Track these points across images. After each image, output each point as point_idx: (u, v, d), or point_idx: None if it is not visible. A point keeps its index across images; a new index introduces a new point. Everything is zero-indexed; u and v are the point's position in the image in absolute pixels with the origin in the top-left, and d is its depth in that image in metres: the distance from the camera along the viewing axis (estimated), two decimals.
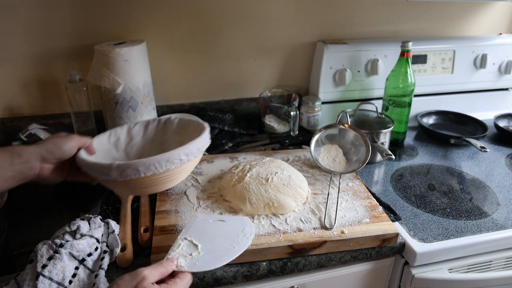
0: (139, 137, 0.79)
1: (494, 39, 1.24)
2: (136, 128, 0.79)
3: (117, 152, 0.77)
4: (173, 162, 0.62)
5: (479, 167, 0.99)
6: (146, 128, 0.80)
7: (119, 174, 0.59)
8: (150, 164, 0.60)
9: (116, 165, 0.59)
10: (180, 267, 0.55)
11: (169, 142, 0.79)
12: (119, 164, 0.59)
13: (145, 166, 0.60)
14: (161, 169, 0.62)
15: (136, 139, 0.79)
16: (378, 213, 0.75)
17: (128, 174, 0.60)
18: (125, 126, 0.78)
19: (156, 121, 0.80)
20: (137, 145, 0.79)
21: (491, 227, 0.76)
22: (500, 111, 1.26)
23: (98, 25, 1.00)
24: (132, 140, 0.79)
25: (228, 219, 0.70)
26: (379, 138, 0.95)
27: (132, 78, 0.93)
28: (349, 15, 1.16)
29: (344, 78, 1.11)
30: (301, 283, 0.71)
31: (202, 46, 1.09)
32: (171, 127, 0.80)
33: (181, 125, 0.79)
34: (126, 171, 0.59)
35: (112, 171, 0.59)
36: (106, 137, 0.76)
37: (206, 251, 0.59)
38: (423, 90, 1.22)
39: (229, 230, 0.65)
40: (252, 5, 1.08)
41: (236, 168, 0.80)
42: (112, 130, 0.77)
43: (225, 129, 1.09)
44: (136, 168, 0.60)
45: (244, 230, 0.65)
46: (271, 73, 1.19)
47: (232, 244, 0.61)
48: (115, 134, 0.77)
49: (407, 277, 0.74)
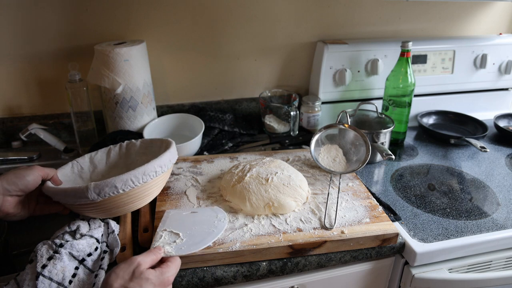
0: (102, 164, 0.80)
1: (494, 39, 1.24)
2: (98, 156, 0.80)
3: (83, 182, 0.77)
4: (149, 174, 0.64)
5: (479, 167, 0.99)
6: (108, 154, 0.81)
7: (97, 194, 0.60)
8: (128, 179, 0.61)
9: (93, 185, 0.60)
10: (168, 252, 0.58)
11: (134, 164, 0.80)
12: (96, 184, 0.60)
13: (123, 182, 0.61)
14: (139, 182, 0.63)
15: (100, 167, 0.80)
16: (378, 213, 0.75)
17: (106, 192, 0.60)
18: (87, 156, 0.79)
19: (118, 146, 0.82)
20: (102, 172, 0.80)
21: (491, 227, 0.76)
22: (500, 111, 1.26)
23: (98, 25, 1.00)
24: (96, 168, 0.80)
25: (199, 210, 0.72)
26: (379, 138, 0.95)
27: (132, 78, 0.93)
28: (349, 15, 1.16)
29: (344, 78, 1.11)
30: (301, 283, 0.71)
31: (202, 46, 1.09)
32: (134, 149, 0.82)
33: (143, 145, 0.82)
34: (104, 190, 0.60)
35: (89, 192, 0.60)
36: (69, 168, 0.76)
37: (188, 237, 0.62)
38: (423, 90, 1.22)
39: (204, 218, 0.69)
40: (252, 5, 1.08)
41: (236, 168, 0.80)
42: (74, 161, 0.78)
43: (225, 129, 1.09)
44: (114, 185, 0.60)
45: (218, 216, 0.69)
46: (271, 73, 1.19)
47: (210, 228, 0.65)
48: (77, 165, 0.78)
49: (407, 277, 0.74)
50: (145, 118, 1.00)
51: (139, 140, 0.82)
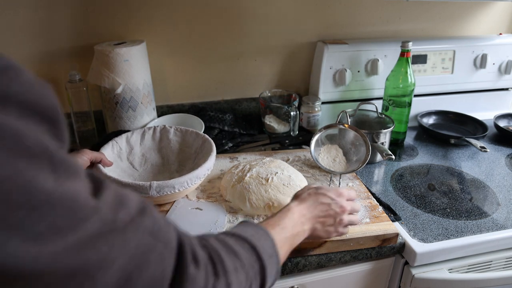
0: (137, 146, 0.86)
1: (494, 39, 1.24)
2: (133, 138, 0.85)
3: (122, 162, 0.83)
4: (200, 177, 0.74)
5: (479, 167, 0.99)
6: (143, 137, 0.86)
7: (157, 192, 0.68)
8: (185, 181, 0.70)
9: (155, 185, 0.68)
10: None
11: (166, 148, 0.87)
12: (159, 184, 0.68)
13: (180, 184, 0.70)
14: (192, 184, 0.72)
15: (136, 149, 0.86)
16: (378, 213, 0.75)
17: (165, 191, 0.69)
18: (123, 136, 0.84)
19: (152, 130, 0.87)
20: (138, 154, 0.86)
21: (491, 227, 0.76)
22: (500, 111, 1.26)
23: (98, 25, 1.00)
24: (132, 150, 0.85)
25: (205, 207, 0.75)
26: (379, 138, 0.95)
27: (132, 78, 0.93)
28: (349, 15, 1.16)
29: (344, 78, 1.11)
30: (301, 283, 0.71)
31: (202, 46, 1.09)
32: (166, 135, 0.87)
33: (178, 133, 0.87)
34: (164, 189, 0.68)
35: (151, 190, 0.68)
36: (110, 148, 0.81)
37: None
38: (423, 90, 1.22)
39: (204, 221, 0.71)
40: (252, 5, 1.08)
41: (236, 168, 0.80)
42: (113, 141, 0.82)
43: (225, 129, 1.09)
44: (173, 185, 0.69)
45: (217, 223, 0.71)
46: (271, 73, 1.19)
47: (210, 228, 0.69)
48: (116, 145, 0.83)
49: (407, 277, 0.74)
50: (145, 118, 1.00)
51: (173, 127, 0.87)
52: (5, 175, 0.22)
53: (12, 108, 0.23)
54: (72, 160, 0.27)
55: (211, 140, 0.82)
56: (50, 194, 0.24)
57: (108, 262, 0.27)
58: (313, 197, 0.60)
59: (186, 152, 0.86)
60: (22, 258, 0.22)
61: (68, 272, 0.24)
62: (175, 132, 0.87)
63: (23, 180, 0.23)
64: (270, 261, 0.46)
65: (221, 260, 0.39)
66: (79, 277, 0.25)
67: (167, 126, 0.87)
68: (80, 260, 0.25)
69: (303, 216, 0.57)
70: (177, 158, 0.87)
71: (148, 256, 0.30)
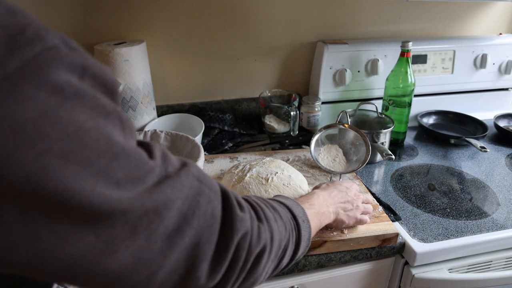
0: None
1: (494, 39, 1.24)
2: None
3: None
4: None
5: (479, 167, 0.99)
6: None
7: None
8: None
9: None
10: None
11: None
12: None
13: None
14: None
15: None
16: (378, 213, 0.75)
17: None
18: None
19: (143, 134, 0.84)
20: None
21: (491, 227, 0.76)
22: (500, 111, 1.26)
23: (98, 25, 1.00)
24: None
25: None
26: (379, 138, 0.95)
27: (132, 78, 0.93)
28: (349, 15, 1.16)
29: (344, 78, 1.11)
30: (301, 283, 0.71)
31: (202, 46, 1.09)
32: (157, 140, 0.84)
33: (168, 138, 0.85)
34: None
35: None
36: None
37: None
38: (423, 90, 1.22)
39: None
40: (252, 5, 1.08)
41: (236, 168, 0.80)
42: None
43: (225, 129, 1.09)
44: None
45: None
46: (271, 73, 1.19)
47: None
48: None
49: (407, 277, 0.74)
50: (145, 118, 1.00)
51: (163, 131, 0.85)
52: (91, 127, 0.26)
53: (88, 78, 0.27)
54: (132, 122, 0.31)
55: (200, 145, 0.80)
56: (124, 147, 0.28)
57: (170, 202, 0.31)
58: (331, 186, 0.68)
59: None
60: (109, 199, 0.26)
61: (142, 211, 0.29)
62: (166, 136, 0.85)
63: (104, 133, 0.27)
64: (304, 224, 0.51)
65: (262, 210, 0.43)
66: (150, 214, 0.29)
67: (158, 131, 0.85)
68: (151, 201, 0.29)
69: (326, 200, 0.63)
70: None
71: (198, 198, 0.34)
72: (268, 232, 0.41)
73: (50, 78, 0.24)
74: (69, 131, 0.25)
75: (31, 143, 0.23)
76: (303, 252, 0.52)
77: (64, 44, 0.27)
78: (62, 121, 0.24)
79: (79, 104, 0.26)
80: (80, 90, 0.26)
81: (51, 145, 0.24)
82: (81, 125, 0.25)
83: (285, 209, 0.50)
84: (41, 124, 0.23)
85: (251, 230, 0.39)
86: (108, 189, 0.26)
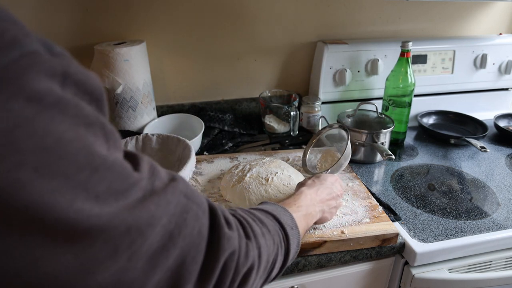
0: None
1: (494, 39, 1.24)
2: None
3: None
4: None
5: (479, 167, 0.99)
6: (125, 147, 0.82)
7: None
8: None
9: None
10: None
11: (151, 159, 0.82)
12: None
13: None
14: None
15: None
16: (378, 213, 0.75)
17: None
18: None
19: (134, 139, 0.83)
20: None
21: (491, 227, 0.76)
22: (500, 111, 1.26)
23: (98, 25, 1.00)
24: None
25: None
26: (379, 138, 0.95)
27: (132, 78, 0.93)
28: (349, 15, 1.16)
29: (344, 78, 1.11)
30: (301, 283, 0.71)
31: (202, 46, 1.10)
32: (149, 144, 0.84)
33: (159, 141, 0.84)
34: None
35: None
36: None
37: None
38: (423, 90, 1.22)
39: None
40: (252, 5, 1.08)
41: (236, 168, 0.80)
42: None
43: (225, 129, 1.09)
44: None
45: None
46: (271, 73, 1.19)
47: None
48: None
49: (407, 277, 0.74)
50: (145, 118, 1.00)
51: (155, 135, 0.84)
52: (71, 138, 0.25)
53: (70, 85, 0.26)
54: (117, 133, 0.30)
55: (190, 146, 0.79)
56: (106, 160, 0.27)
57: (155, 220, 0.30)
58: (318, 183, 0.68)
59: (170, 159, 0.83)
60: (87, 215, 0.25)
61: (123, 229, 0.27)
62: (157, 139, 0.84)
63: (85, 144, 0.25)
64: (292, 232, 0.50)
65: (250, 225, 0.42)
66: (133, 233, 0.28)
67: (149, 134, 0.84)
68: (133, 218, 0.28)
69: (313, 199, 0.63)
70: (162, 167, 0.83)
71: (185, 215, 0.33)
72: (256, 249, 0.40)
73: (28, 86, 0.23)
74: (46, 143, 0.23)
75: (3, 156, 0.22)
76: (293, 258, 0.52)
77: (46, 49, 0.25)
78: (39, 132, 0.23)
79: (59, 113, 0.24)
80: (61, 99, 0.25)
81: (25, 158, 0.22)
82: (60, 136, 0.24)
83: (273, 220, 0.49)
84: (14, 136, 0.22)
85: (239, 248, 0.38)
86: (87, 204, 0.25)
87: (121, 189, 0.28)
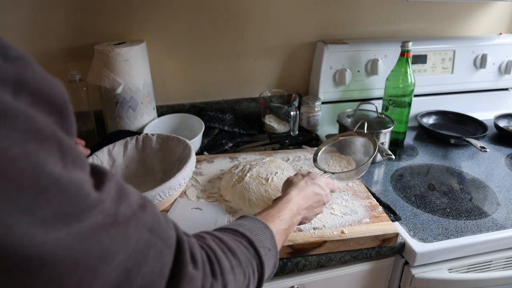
0: (120, 157, 0.82)
1: (494, 39, 1.25)
2: (116, 149, 0.81)
3: None
4: (174, 188, 0.68)
5: (479, 167, 0.99)
6: (125, 147, 0.82)
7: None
8: (155, 194, 0.65)
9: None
10: None
11: (150, 159, 0.84)
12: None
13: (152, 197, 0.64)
14: (165, 196, 0.67)
15: (119, 161, 0.82)
16: (378, 213, 0.75)
17: None
18: (105, 149, 0.80)
19: (134, 139, 0.83)
20: (121, 166, 0.82)
21: (491, 227, 0.76)
22: (500, 111, 1.26)
23: (98, 25, 1.00)
24: (115, 162, 0.81)
25: (205, 207, 0.74)
26: (379, 138, 0.95)
27: (132, 78, 0.93)
28: (349, 15, 1.16)
29: (344, 78, 1.11)
30: (301, 283, 0.71)
31: (202, 46, 1.10)
32: (149, 144, 0.83)
33: (160, 141, 0.83)
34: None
35: None
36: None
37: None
38: (423, 90, 1.22)
39: (204, 221, 0.70)
40: (252, 5, 1.08)
41: (236, 168, 0.80)
42: (93, 155, 0.78)
43: (225, 129, 1.09)
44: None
45: (217, 223, 0.70)
46: (271, 73, 1.19)
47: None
48: (97, 159, 0.79)
49: (407, 277, 0.74)
50: (145, 118, 1.00)
51: (155, 135, 0.84)
52: (16, 155, 0.22)
53: (25, 95, 0.24)
54: (78, 150, 0.27)
55: (191, 146, 0.78)
56: (58, 179, 0.24)
57: (109, 255, 0.26)
58: (311, 188, 0.63)
59: (170, 159, 0.82)
60: (29, 241, 0.22)
61: (70, 262, 0.24)
62: (157, 139, 0.83)
63: (33, 162, 0.23)
64: (268, 255, 0.47)
65: (218, 260, 0.39)
66: (81, 269, 0.25)
67: (149, 134, 0.83)
68: (82, 250, 0.25)
69: (300, 207, 0.59)
70: (162, 167, 0.83)
71: (147, 252, 0.30)
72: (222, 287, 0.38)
73: None
74: None
75: None
76: (269, 278, 0.48)
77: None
78: None
79: (6, 127, 0.22)
80: (10, 110, 0.22)
81: None
82: (4, 153, 0.21)
83: (247, 246, 0.44)
84: None
85: None
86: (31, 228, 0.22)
87: (74, 212, 0.25)
